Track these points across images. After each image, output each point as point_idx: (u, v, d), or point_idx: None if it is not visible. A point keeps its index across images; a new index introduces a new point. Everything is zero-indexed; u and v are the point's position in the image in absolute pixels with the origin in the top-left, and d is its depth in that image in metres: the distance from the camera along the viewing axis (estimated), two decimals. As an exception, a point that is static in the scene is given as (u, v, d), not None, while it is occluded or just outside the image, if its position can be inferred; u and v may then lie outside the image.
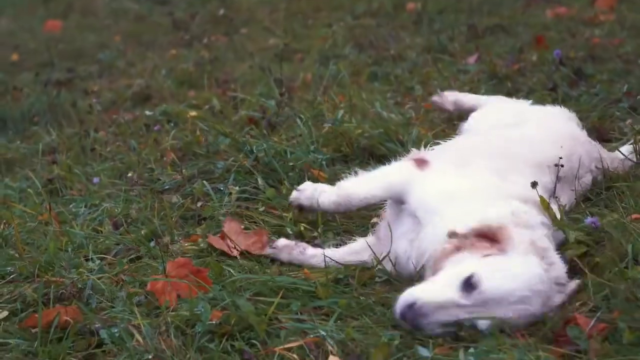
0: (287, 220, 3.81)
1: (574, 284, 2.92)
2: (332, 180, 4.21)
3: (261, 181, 4.11)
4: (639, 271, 2.91)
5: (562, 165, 3.37)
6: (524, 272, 2.77)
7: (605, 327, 2.71)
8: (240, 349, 2.88)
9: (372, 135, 4.61)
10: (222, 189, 4.16)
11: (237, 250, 3.54)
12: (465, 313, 2.74)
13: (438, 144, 3.95)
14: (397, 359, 2.73)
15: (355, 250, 3.48)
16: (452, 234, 2.96)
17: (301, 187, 3.57)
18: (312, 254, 3.47)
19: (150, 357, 2.86)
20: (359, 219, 3.88)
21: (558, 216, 3.17)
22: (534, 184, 3.16)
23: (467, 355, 2.65)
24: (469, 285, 2.74)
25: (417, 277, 3.09)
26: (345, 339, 2.86)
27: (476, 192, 3.16)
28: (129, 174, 4.65)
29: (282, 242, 3.51)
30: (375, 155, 4.52)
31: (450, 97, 4.88)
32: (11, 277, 3.47)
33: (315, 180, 4.15)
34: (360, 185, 3.47)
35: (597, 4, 7.75)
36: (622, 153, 3.93)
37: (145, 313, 3.15)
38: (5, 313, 3.19)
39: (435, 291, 2.78)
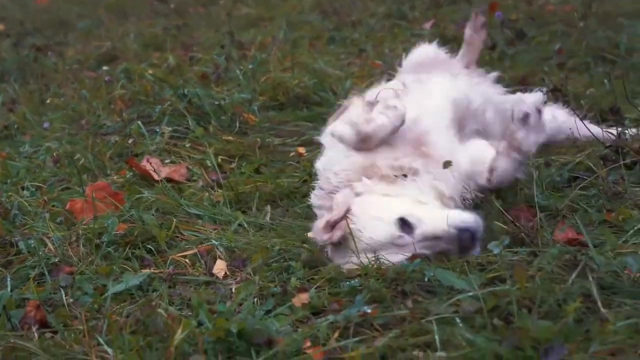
0: (209, 154, 4.08)
1: None
2: (262, 122, 4.51)
3: (192, 122, 4.38)
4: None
5: None
6: None
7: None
8: (140, 256, 3.17)
9: (307, 85, 4.88)
10: (157, 130, 4.44)
11: (159, 175, 3.80)
12: None
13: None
14: (275, 260, 3.00)
15: None
16: None
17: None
18: None
19: (56, 261, 3.15)
20: (278, 153, 4.15)
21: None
22: None
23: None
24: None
25: None
26: (232, 246, 3.14)
27: None
28: (80, 120, 4.93)
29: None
30: (309, 103, 4.79)
31: None
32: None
33: (245, 122, 4.45)
34: None
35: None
36: None
37: (64, 229, 3.43)
38: None
39: None
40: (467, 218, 2.81)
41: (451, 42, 5.94)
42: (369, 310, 2.53)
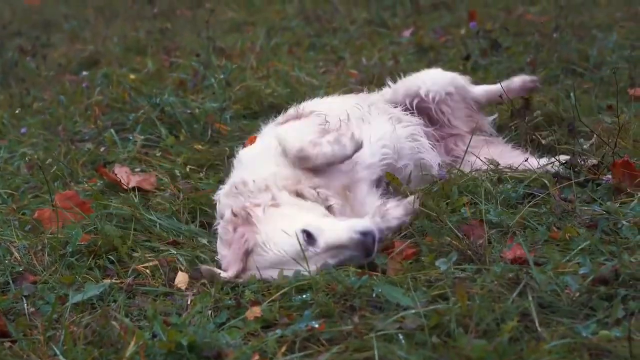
0: (178, 164, 4.16)
1: None
2: (234, 131, 4.59)
3: (164, 130, 4.47)
4: (461, 203, 3.27)
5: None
6: None
7: (416, 252, 3.05)
8: (103, 266, 3.25)
9: (281, 94, 4.95)
10: (130, 137, 4.52)
11: (127, 185, 3.88)
12: None
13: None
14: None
15: None
16: None
17: None
18: None
19: (21, 269, 3.23)
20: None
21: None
22: None
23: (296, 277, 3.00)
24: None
25: None
26: (193, 258, 3.23)
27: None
28: (57, 126, 5.01)
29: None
30: (282, 112, 4.85)
31: None
32: None
33: (217, 131, 4.52)
34: None
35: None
36: None
37: (31, 237, 3.50)
38: None
39: None
40: (366, 223, 3.01)
41: (428, 52, 6.07)
42: (317, 325, 2.61)
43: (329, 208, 3.19)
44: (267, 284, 2.96)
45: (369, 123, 3.60)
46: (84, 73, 5.97)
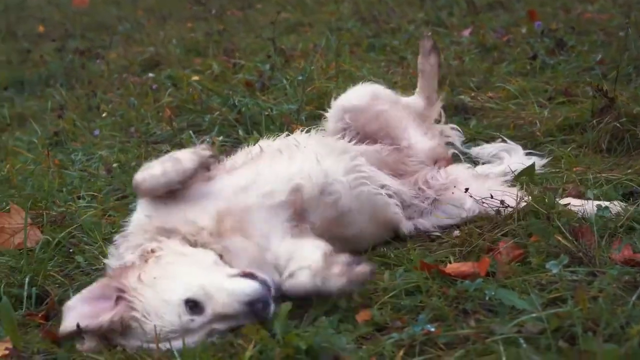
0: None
1: None
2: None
3: (242, 132, 4.46)
4: (562, 204, 3.23)
5: None
6: None
7: (522, 253, 3.01)
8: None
9: (352, 95, 4.92)
10: (207, 139, 4.52)
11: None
12: None
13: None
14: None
15: None
16: None
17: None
18: None
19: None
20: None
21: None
22: None
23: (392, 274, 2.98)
24: None
25: None
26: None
27: None
28: (129, 128, 5.03)
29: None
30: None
31: None
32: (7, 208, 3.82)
33: (292, 132, 4.50)
34: None
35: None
36: None
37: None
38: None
39: None
40: (255, 286, 2.66)
41: (491, 51, 6.02)
42: (433, 329, 2.58)
43: (223, 251, 2.84)
44: (374, 285, 2.94)
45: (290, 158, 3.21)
46: (150, 75, 5.99)
